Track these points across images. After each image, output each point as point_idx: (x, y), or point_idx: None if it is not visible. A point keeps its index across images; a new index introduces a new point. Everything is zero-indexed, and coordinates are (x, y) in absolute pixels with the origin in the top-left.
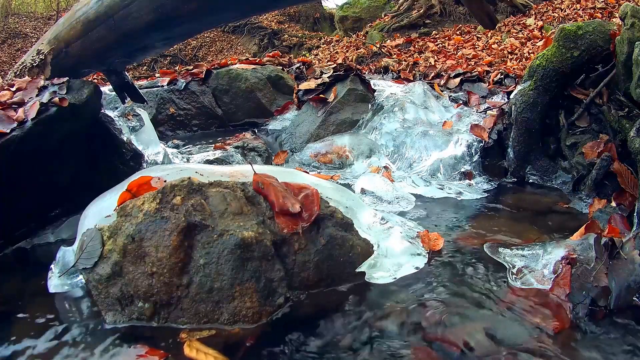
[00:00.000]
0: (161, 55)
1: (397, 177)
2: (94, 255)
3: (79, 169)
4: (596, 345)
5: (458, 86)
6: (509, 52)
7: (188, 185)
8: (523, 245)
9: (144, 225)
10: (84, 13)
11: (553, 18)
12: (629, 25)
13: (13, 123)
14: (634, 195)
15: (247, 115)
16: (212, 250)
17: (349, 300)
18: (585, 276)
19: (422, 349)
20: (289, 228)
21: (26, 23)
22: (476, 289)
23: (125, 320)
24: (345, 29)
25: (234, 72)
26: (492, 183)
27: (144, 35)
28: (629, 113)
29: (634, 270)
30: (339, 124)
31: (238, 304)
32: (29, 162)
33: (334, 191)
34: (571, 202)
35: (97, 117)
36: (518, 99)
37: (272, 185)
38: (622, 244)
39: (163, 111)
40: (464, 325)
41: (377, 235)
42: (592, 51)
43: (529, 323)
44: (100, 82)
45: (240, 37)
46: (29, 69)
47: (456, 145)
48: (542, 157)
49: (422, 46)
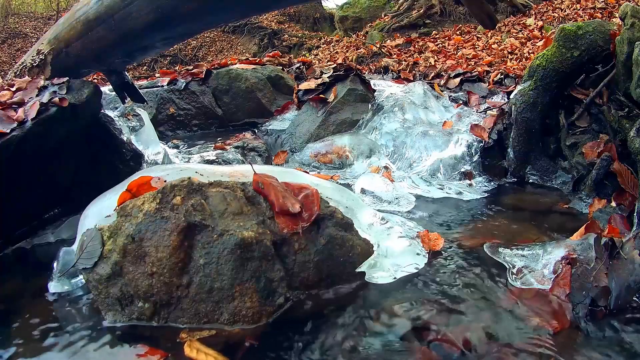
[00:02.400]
0: (161, 55)
1: (397, 177)
2: (94, 255)
3: (79, 169)
4: (596, 345)
5: (458, 86)
6: (509, 52)
7: (188, 185)
8: (523, 245)
9: (144, 225)
10: (84, 13)
11: (553, 18)
12: (629, 25)
13: (13, 123)
14: (634, 195)
15: (247, 115)
16: (212, 250)
17: (349, 300)
18: (585, 276)
19: (422, 349)
20: (289, 228)
21: (26, 23)
22: (476, 289)
23: (125, 320)
24: (345, 29)
25: (234, 72)
26: (492, 183)
27: (144, 35)
28: (629, 113)
29: (634, 270)
30: (339, 124)
31: (238, 304)
32: (29, 162)
33: (334, 191)
34: (571, 202)
35: (97, 117)
36: (518, 99)
37: (272, 185)
38: (622, 244)
39: (163, 111)
40: (464, 325)
41: (377, 235)
42: (592, 51)
43: (529, 323)
44: (100, 82)
45: (240, 37)
46: (29, 69)
47: (456, 145)
48: (542, 157)
49: (422, 46)
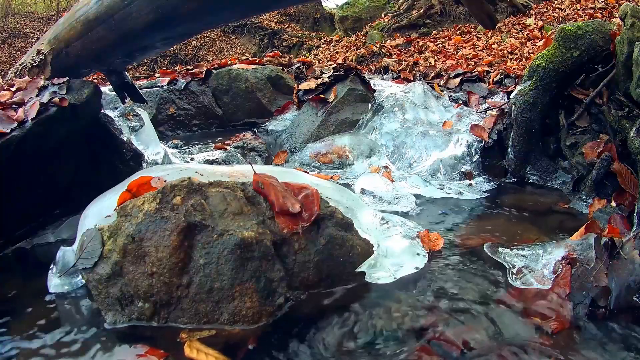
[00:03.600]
0: (161, 55)
1: (397, 177)
2: (94, 255)
3: (79, 169)
4: (596, 345)
5: (458, 86)
6: (509, 52)
7: (188, 185)
8: (523, 245)
9: (144, 225)
10: (84, 13)
11: (553, 18)
12: (629, 25)
13: (13, 123)
14: (634, 195)
15: (247, 115)
16: (212, 250)
17: (349, 300)
18: (585, 276)
19: (422, 348)
20: (289, 228)
21: (26, 23)
22: (476, 289)
23: (125, 320)
24: (345, 29)
25: (234, 72)
26: (492, 183)
27: (144, 35)
28: (629, 113)
29: (634, 270)
30: (339, 124)
31: (238, 304)
32: (29, 162)
33: (334, 191)
34: (571, 202)
35: (97, 117)
36: (518, 99)
37: (272, 185)
38: (622, 244)
39: (163, 111)
40: (464, 325)
41: (377, 235)
42: (592, 51)
43: (529, 323)
44: (100, 82)
45: (240, 37)
46: (29, 69)
47: (456, 145)
48: (542, 157)
49: (422, 46)
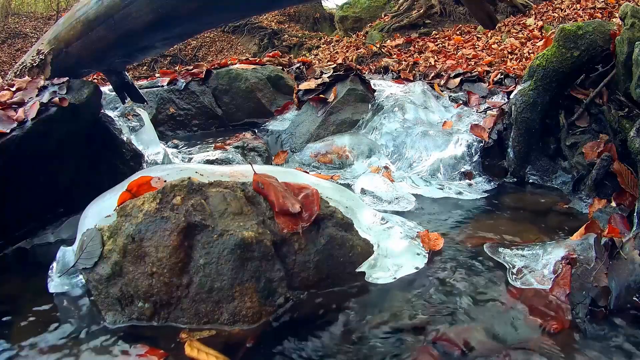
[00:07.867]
0: (161, 55)
1: (397, 177)
2: (94, 255)
3: (79, 169)
4: (596, 345)
5: (458, 86)
6: (509, 52)
7: (188, 185)
8: (523, 245)
9: (144, 225)
10: (84, 13)
11: (553, 18)
12: (629, 25)
13: (13, 123)
14: (634, 195)
15: (247, 115)
16: (212, 250)
17: (349, 300)
18: (585, 276)
19: (423, 348)
20: (289, 228)
21: (26, 23)
22: (476, 289)
23: (125, 320)
24: (345, 29)
25: (234, 72)
26: (492, 183)
27: (144, 35)
28: (629, 113)
29: (634, 270)
30: (339, 124)
31: (238, 304)
32: (29, 162)
33: (334, 191)
34: (571, 202)
35: (97, 117)
36: (518, 99)
37: (272, 185)
38: (622, 244)
39: (163, 111)
40: (464, 325)
41: (377, 235)
42: (592, 51)
43: (529, 323)
44: (100, 82)
45: (240, 37)
46: (29, 69)
47: (456, 145)
48: (542, 157)
49: (422, 46)
